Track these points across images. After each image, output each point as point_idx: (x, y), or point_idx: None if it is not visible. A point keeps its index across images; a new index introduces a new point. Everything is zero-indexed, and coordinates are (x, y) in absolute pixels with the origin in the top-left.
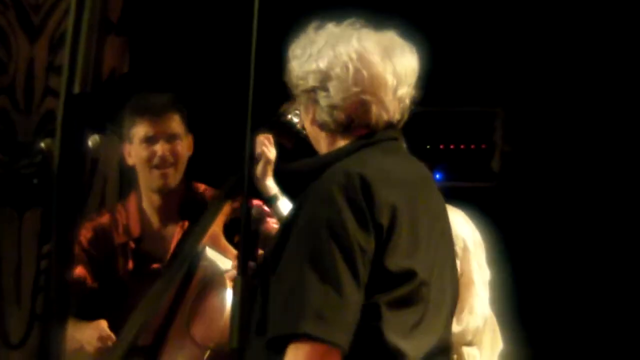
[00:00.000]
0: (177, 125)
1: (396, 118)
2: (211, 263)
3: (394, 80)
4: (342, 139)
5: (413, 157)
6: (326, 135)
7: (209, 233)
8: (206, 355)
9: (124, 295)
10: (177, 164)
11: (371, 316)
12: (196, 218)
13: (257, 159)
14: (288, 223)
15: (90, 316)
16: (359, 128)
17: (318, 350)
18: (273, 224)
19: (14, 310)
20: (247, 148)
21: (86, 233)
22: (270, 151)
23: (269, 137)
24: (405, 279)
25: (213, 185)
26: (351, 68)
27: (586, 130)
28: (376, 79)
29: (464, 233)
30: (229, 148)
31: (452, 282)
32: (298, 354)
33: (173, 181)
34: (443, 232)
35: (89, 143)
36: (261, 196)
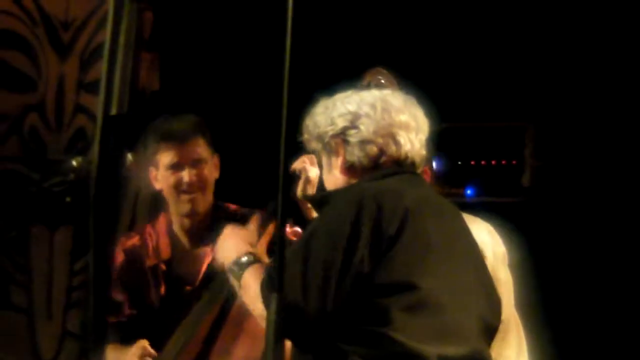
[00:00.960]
0: (202, 149)
1: (418, 160)
2: None
3: (415, 124)
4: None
5: (434, 192)
6: (354, 180)
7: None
8: None
9: (158, 320)
10: (205, 188)
11: (381, 321)
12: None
13: (298, 178)
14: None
15: (128, 341)
16: (389, 163)
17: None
18: None
19: (46, 327)
20: (282, 167)
21: (117, 257)
22: (310, 170)
23: (312, 157)
24: (410, 286)
25: (246, 205)
26: (378, 107)
27: (616, 145)
28: (402, 117)
29: (484, 244)
30: (263, 167)
31: (488, 298)
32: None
33: (202, 205)
34: (467, 252)
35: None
36: (303, 218)
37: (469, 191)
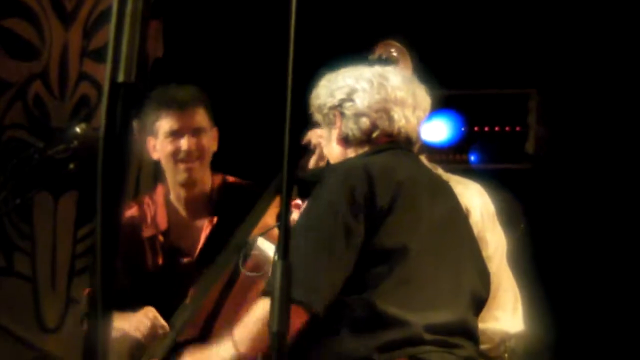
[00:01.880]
0: (202, 118)
1: (414, 136)
2: (262, 252)
3: (413, 100)
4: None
5: (428, 169)
6: (350, 152)
7: (262, 224)
8: None
9: (154, 289)
10: (203, 158)
11: (371, 290)
12: (225, 210)
13: (312, 151)
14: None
15: (124, 309)
16: (382, 137)
17: None
18: None
19: (50, 294)
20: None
21: None
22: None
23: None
24: (401, 255)
25: (248, 178)
26: (375, 82)
27: (621, 111)
28: (398, 93)
29: (474, 204)
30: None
31: (479, 273)
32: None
33: (198, 175)
34: (459, 228)
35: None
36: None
37: (473, 158)
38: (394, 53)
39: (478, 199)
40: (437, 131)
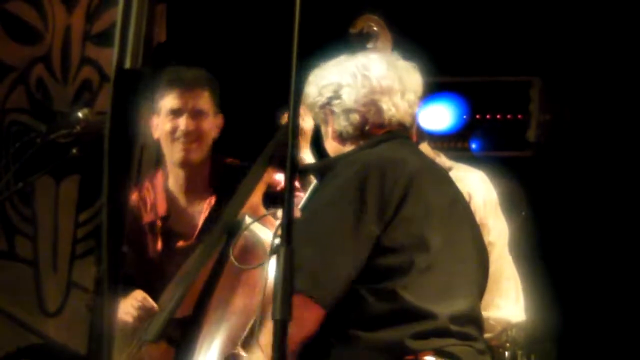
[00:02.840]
0: (206, 101)
1: (407, 121)
2: (251, 232)
3: (400, 85)
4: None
5: (426, 155)
6: (347, 148)
7: (249, 203)
8: (249, 324)
9: (152, 273)
10: (201, 141)
11: (396, 282)
12: (223, 191)
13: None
14: (307, 206)
15: (128, 288)
16: (375, 129)
17: (297, 301)
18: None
19: (51, 278)
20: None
21: None
22: (305, 122)
23: (305, 109)
24: (417, 247)
25: (241, 159)
26: (359, 75)
27: (623, 98)
28: (383, 82)
29: (476, 190)
30: (259, 121)
31: (479, 260)
32: None
33: (195, 156)
34: (463, 216)
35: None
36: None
37: (475, 145)
38: (374, 27)
39: (481, 186)
40: (439, 118)
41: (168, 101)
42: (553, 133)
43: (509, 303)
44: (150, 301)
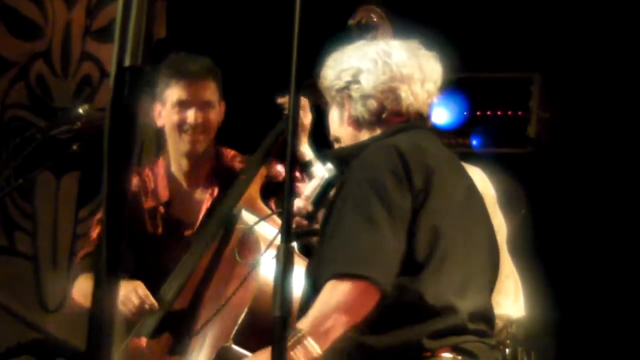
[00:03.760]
0: (212, 92)
1: (425, 111)
2: (247, 226)
3: (420, 74)
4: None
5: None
6: (363, 134)
7: (245, 196)
8: (241, 317)
9: (153, 259)
10: (208, 132)
11: (417, 274)
12: (226, 184)
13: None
14: (335, 195)
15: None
16: (392, 116)
17: (357, 287)
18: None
19: (51, 274)
20: (290, 115)
21: None
22: (305, 116)
23: (304, 102)
24: (439, 238)
25: (242, 151)
26: (379, 61)
27: (623, 95)
28: (404, 70)
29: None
30: (261, 114)
31: (491, 253)
32: (336, 291)
33: (201, 147)
34: (478, 207)
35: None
36: (297, 162)
37: (475, 142)
38: (374, 18)
39: (479, 183)
40: (440, 114)
41: (175, 92)
42: (553, 129)
43: (509, 300)
44: (145, 291)
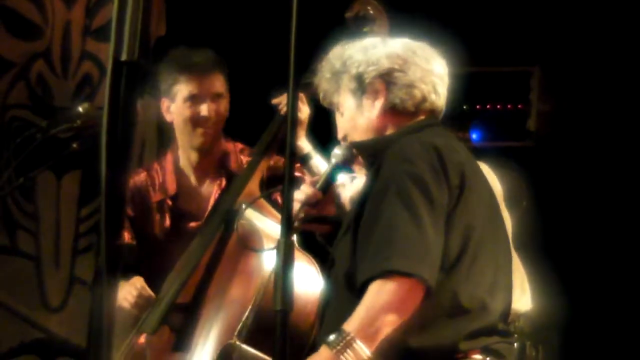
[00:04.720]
0: (221, 84)
1: (442, 111)
2: (248, 221)
3: (447, 78)
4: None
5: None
6: (386, 124)
7: (246, 191)
8: (245, 313)
9: (161, 253)
10: (219, 124)
11: (450, 271)
12: (233, 177)
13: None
14: (368, 189)
15: (127, 274)
16: (424, 111)
17: (404, 285)
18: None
19: (53, 273)
20: (290, 110)
21: None
22: (301, 111)
23: (301, 96)
24: (471, 236)
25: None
26: (421, 54)
27: (623, 88)
28: (439, 69)
29: None
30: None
31: (510, 253)
32: (383, 290)
33: (213, 140)
34: (497, 205)
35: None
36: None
37: (475, 135)
38: (371, 11)
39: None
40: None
41: (185, 87)
42: (553, 122)
43: (515, 294)
44: (145, 288)
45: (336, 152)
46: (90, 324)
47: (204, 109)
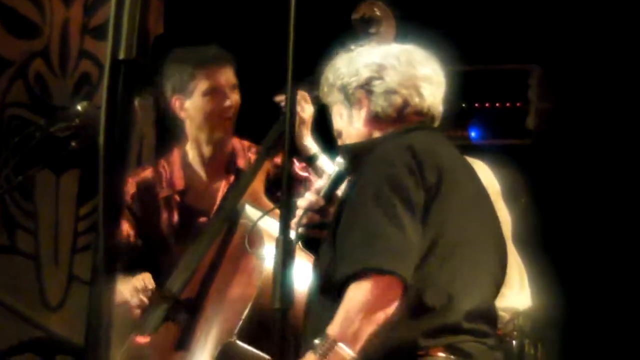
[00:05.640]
0: (234, 76)
1: (438, 113)
2: (251, 220)
3: (437, 77)
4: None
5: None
6: (375, 133)
7: (250, 190)
8: (245, 312)
9: (169, 249)
10: (236, 116)
11: (418, 270)
12: (242, 173)
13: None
14: (349, 190)
15: (134, 272)
16: (412, 115)
17: (380, 283)
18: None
19: (52, 272)
20: (288, 107)
21: (129, 189)
22: (304, 110)
23: (305, 96)
24: (445, 237)
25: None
26: (403, 59)
27: (622, 86)
28: (425, 70)
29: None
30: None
31: (499, 255)
32: (360, 289)
33: (231, 133)
34: (488, 208)
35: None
36: (301, 156)
37: (474, 133)
38: (378, 13)
39: (484, 177)
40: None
41: (204, 81)
42: (552, 121)
43: (514, 291)
44: (151, 283)
45: (340, 160)
46: (87, 322)
47: (228, 100)
